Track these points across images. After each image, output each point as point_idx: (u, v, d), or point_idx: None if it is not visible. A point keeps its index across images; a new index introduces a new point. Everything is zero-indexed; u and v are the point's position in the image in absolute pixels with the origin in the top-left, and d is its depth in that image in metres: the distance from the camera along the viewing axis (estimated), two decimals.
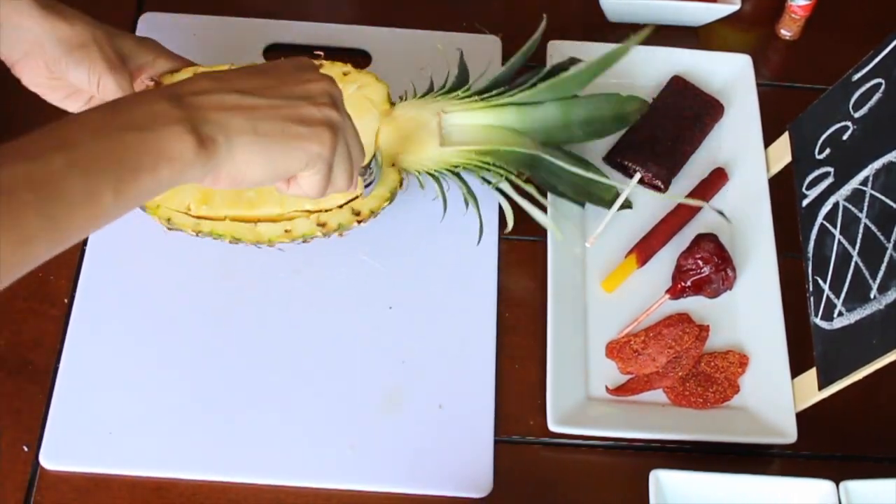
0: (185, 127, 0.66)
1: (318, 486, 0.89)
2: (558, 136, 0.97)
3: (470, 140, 0.94)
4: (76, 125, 0.64)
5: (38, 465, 0.89)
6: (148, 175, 0.64)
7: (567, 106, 0.96)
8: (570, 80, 0.95)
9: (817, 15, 1.16)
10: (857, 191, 0.90)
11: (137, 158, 0.64)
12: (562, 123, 0.96)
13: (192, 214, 0.91)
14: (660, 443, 0.94)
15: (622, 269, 1.00)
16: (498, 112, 0.95)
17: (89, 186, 0.62)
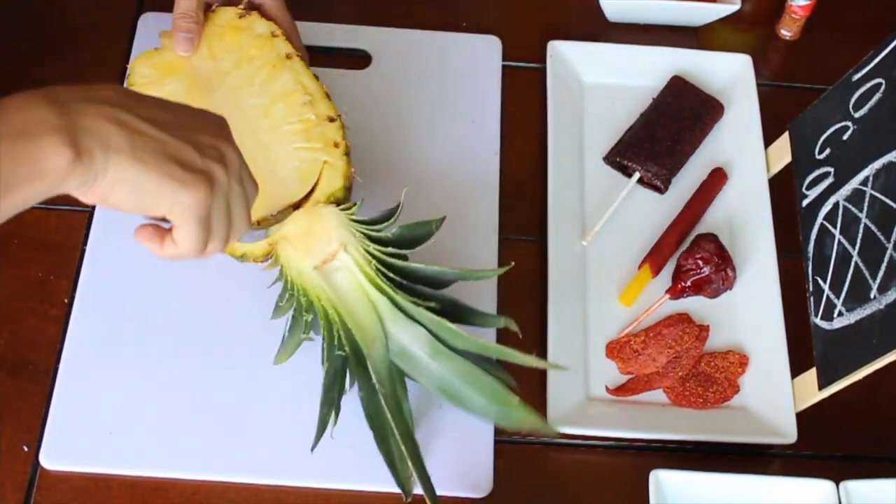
0: (62, 138, 0.62)
1: (318, 486, 0.89)
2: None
3: (343, 292, 0.87)
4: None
5: (38, 465, 0.89)
6: (19, 190, 0.62)
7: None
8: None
9: (817, 15, 1.16)
10: (857, 191, 0.90)
11: (10, 171, 0.61)
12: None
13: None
14: (660, 443, 0.94)
15: (638, 281, 0.99)
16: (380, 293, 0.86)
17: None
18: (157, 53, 0.96)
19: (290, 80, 0.95)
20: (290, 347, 0.89)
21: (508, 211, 1.04)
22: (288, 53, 0.96)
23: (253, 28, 0.97)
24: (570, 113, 1.09)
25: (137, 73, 0.95)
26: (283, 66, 0.95)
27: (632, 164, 1.04)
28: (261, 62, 0.95)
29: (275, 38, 0.96)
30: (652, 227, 1.03)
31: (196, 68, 0.95)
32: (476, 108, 1.09)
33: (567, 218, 1.02)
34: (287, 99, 0.94)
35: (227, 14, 0.97)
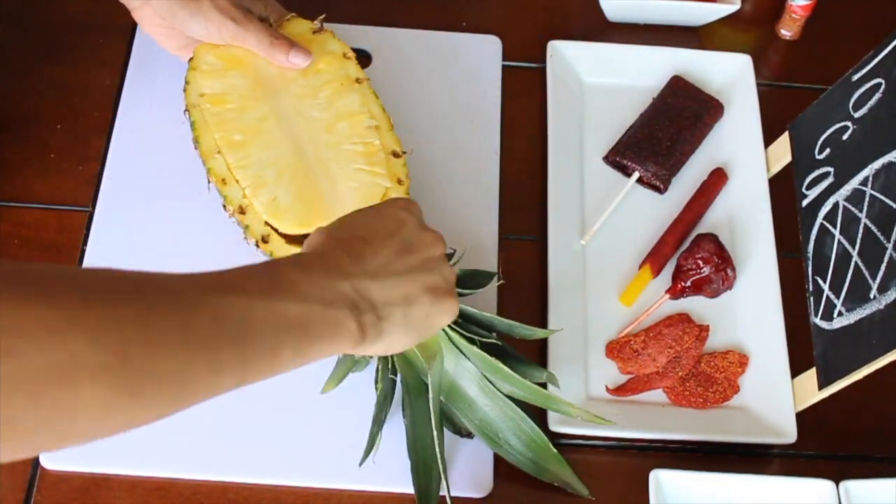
0: (352, 312, 0.70)
1: (318, 486, 0.89)
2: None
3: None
4: (280, 281, 0.68)
5: (38, 465, 0.89)
6: (321, 344, 0.69)
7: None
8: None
9: (817, 15, 1.16)
10: (856, 191, 0.90)
11: (317, 328, 0.68)
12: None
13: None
14: (660, 443, 0.94)
15: (638, 281, 0.99)
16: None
17: (278, 340, 0.66)
18: (220, 45, 0.96)
19: (356, 101, 0.95)
20: (339, 375, 0.90)
21: (508, 211, 1.04)
22: (358, 78, 0.96)
23: (325, 44, 0.97)
24: (570, 113, 1.09)
25: (202, 59, 0.95)
26: (351, 87, 0.95)
27: (631, 163, 1.04)
28: (329, 77, 0.96)
29: (346, 59, 0.97)
30: (652, 227, 1.03)
31: (260, 68, 0.95)
32: (476, 108, 1.09)
33: (567, 218, 1.02)
34: (351, 119, 0.94)
35: (301, 26, 0.98)
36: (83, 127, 1.05)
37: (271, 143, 0.92)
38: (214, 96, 0.94)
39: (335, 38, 0.98)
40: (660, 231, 1.03)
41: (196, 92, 0.94)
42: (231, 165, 0.91)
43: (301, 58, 0.95)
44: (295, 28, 0.98)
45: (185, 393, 0.61)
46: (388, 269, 0.75)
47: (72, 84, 1.07)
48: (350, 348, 0.72)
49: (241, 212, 0.91)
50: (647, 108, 1.08)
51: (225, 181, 0.91)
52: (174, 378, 0.59)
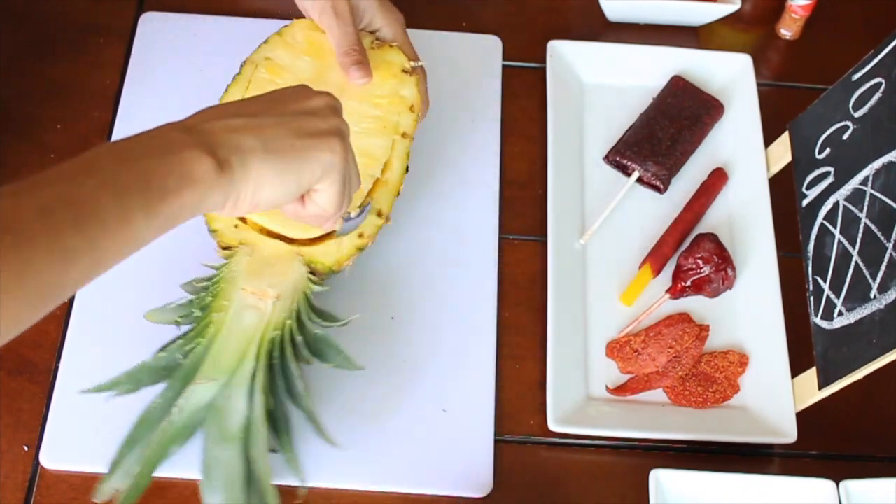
0: (201, 149, 0.67)
1: (318, 486, 0.89)
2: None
3: (237, 327, 0.87)
4: (102, 153, 0.65)
5: (38, 465, 0.89)
6: (174, 197, 0.65)
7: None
8: None
9: (817, 15, 1.16)
10: (857, 190, 0.90)
11: (162, 181, 0.65)
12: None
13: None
14: (660, 443, 0.94)
15: (638, 281, 0.99)
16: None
17: (122, 208, 0.63)
18: (317, 30, 0.97)
19: (382, 147, 0.94)
20: (161, 317, 0.89)
21: (508, 211, 1.04)
22: (405, 132, 0.95)
23: (402, 85, 0.97)
24: (570, 113, 1.09)
25: (292, 32, 0.97)
26: (390, 133, 0.95)
27: (631, 163, 1.04)
28: (378, 114, 0.95)
29: (410, 110, 0.96)
30: (652, 226, 1.03)
31: (332, 69, 0.95)
32: (476, 108, 1.09)
33: (567, 218, 1.02)
34: (364, 159, 0.91)
35: (395, 57, 0.98)
36: (83, 127, 1.05)
37: None
38: (275, 66, 0.95)
39: (415, 85, 0.97)
40: (660, 231, 1.03)
41: (264, 54, 0.96)
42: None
43: (359, 74, 0.94)
44: (388, 56, 0.98)
45: (42, 289, 0.60)
46: (243, 111, 0.72)
47: (72, 84, 1.07)
48: (217, 194, 0.68)
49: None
50: (647, 108, 1.08)
51: None
52: (29, 276, 0.59)
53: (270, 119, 0.72)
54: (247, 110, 0.73)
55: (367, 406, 0.92)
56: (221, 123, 0.70)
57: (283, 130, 0.72)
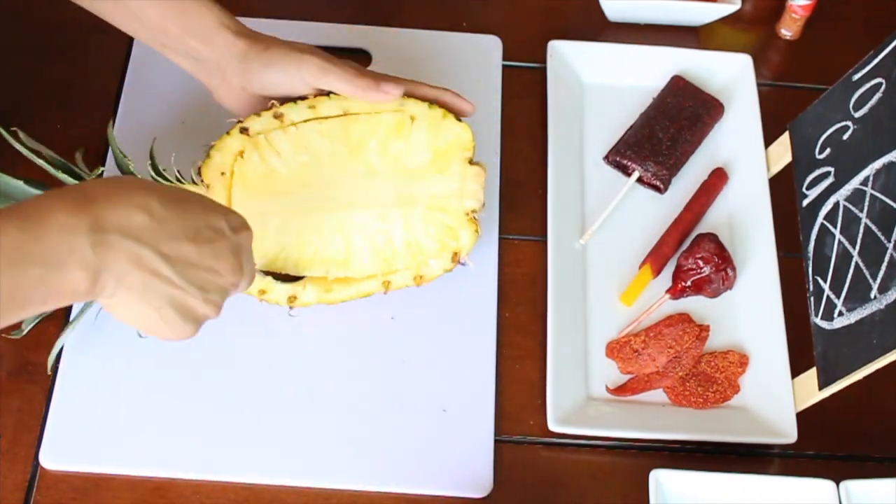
0: (88, 272, 0.68)
1: (318, 486, 0.89)
2: None
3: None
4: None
5: (38, 465, 0.89)
6: (34, 307, 0.68)
7: None
8: None
9: (817, 15, 1.16)
10: (857, 191, 0.90)
11: (32, 293, 0.66)
12: None
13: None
14: (660, 443, 0.94)
15: (638, 281, 0.99)
16: None
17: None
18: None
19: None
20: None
21: (508, 211, 1.04)
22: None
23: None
24: (570, 113, 1.09)
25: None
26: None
27: (631, 163, 1.04)
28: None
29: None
30: (652, 226, 1.03)
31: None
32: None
33: (567, 218, 1.02)
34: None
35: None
36: (83, 127, 1.05)
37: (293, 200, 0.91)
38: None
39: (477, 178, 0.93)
40: (660, 231, 1.03)
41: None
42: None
43: (392, 86, 0.88)
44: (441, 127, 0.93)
45: None
46: (160, 240, 0.70)
47: (72, 84, 1.07)
48: (69, 302, 0.70)
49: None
50: (647, 108, 1.08)
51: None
52: None
53: (169, 272, 0.71)
54: (165, 247, 0.71)
55: (367, 406, 0.92)
56: (130, 246, 0.69)
57: (167, 292, 0.72)
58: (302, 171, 0.91)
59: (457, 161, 0.92)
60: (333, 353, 0.95)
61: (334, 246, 0.91)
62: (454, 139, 0.92)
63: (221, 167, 0.90)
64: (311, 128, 0.90)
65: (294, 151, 0.90)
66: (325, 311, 0.96)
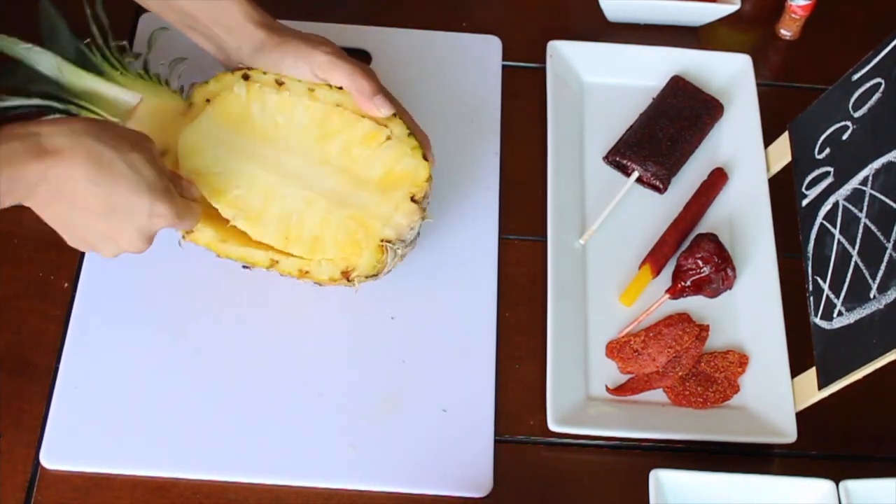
0: (26, 142, 0.76)
1: (318, 486, 0.89)
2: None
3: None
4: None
5: (38, 465, 0.89)
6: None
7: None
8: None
9: (817, 15, 1.16)
10: (856, 190, 0.90)
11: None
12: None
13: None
14: (660, 443, 0.94)
15: (638, 281, 0.99)
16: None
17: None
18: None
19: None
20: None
21: (508, 211, 1.04)
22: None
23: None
24: (570, 113, 1.09)
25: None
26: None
27: (631, 163, 1.04)
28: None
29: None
30: (652, 226, 1.03)
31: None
32: (476, 108, 1.09)
33: (567, 218, 1.02)
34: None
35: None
36: None
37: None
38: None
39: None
40: (660, 231, 1.03)
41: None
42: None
43: (384, 103, 0.92)
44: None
45: None
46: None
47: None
48: (27, 173, 0.76)
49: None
50: (647, 108, 1.08)
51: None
52: None
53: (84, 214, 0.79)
54: (84, 195, 0.78)
55: (367, 406, 0.92)
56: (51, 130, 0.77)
57: (92, 226, 0.81)
58: (271, 128, 0.93)
59: (402, 190, 0.91)
60: (334, 353, 0.95)
61: (253, 200, 0.91)
62: (411, 171, 0.91)
63: (210, 95, 0.94)
64: (300, 101, 0.93)
65: (275, 110, 0.93)
66: (325, 311, 0.96)
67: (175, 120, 0.94)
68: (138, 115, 0.93)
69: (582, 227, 1.03)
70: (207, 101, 0.94)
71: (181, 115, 0.94)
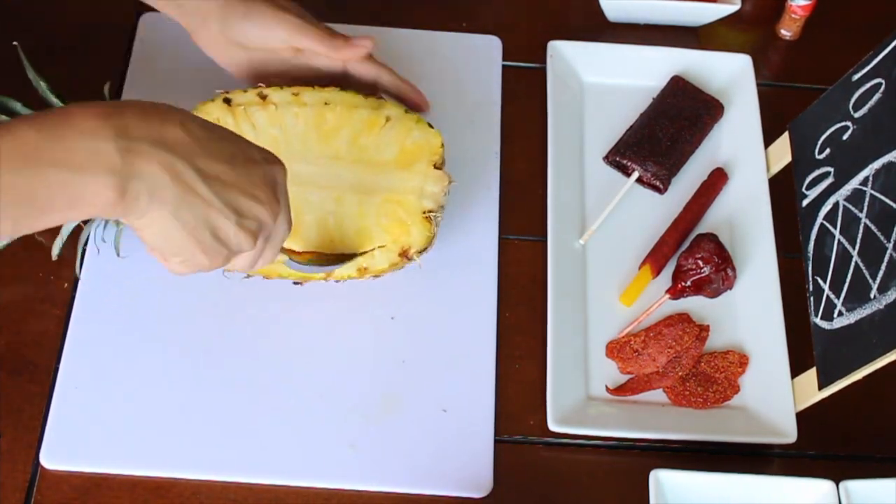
0: (114, 180, 0.64)
1: (318, 486, 0.89)
2: None
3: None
4: (9, 142, 0.61)
5: (38, 465, 0.89)
6: (56, 214, 0.65)
7: None
8: None
9: (817, 15, 1.16)
10: (856, 191, 0.91)
11: (52, 198, 0.63)
12: None
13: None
14: (660, 443, 0.94)
15: (638, 281, 0.99)
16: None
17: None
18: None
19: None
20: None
21: (508, 211, 1.04)
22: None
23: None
24: (570, 113, 1.09)
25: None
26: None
27: (631, 163, 1.04)
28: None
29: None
30: (652, 227, 1.03)
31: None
32: (476, 108, 1.09)
33: (567, 218, 1.02)
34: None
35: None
36: None
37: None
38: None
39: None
40: (660, 231, 1.03)
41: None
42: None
43: (362, 41, 0.93)
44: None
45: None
46: (196, 153, 0.67)
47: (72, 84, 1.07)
48: (102, 216, 0.67)
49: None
50: (647, 108, 1.08)
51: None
52: None
53: (205, 190, 0.69)
54: (201, 161, 0.68)
55: (367, 406, 0.92)
56: (165, 157, 0.66)
57: (202, 211, 0.69)
58: (271, 143, 0.91)
59: (422, 162, 0.93)
60: (334, 352, 0.95)
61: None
62: (423, 142, 0.93)
63: None
64: (289, 109, 0.93)
65: (267, 125, 0.93)
66: (326, 310, 0.96)
67: None
68: None
69: (582, 227, 1.03)
70: None
71: None
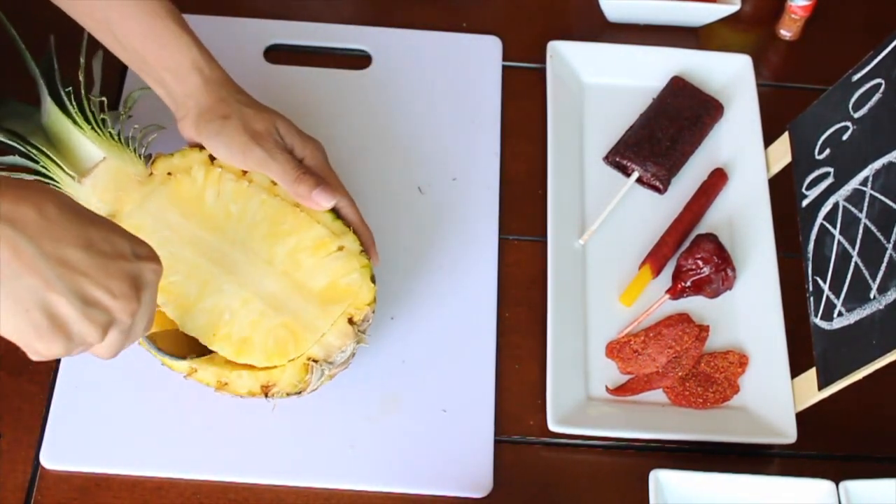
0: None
1: (318, 486, 0.89)
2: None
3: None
4: None
5: (38, 465, 0.89)
6: None
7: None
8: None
9: (817, 15, 1.16)
10: (856, 191, 0.91)
11: None
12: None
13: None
14: (660, 443, 0.94)
15: (638, 281, 0.99)
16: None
17: None
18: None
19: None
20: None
21: (508, 211, 1.04)
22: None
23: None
24: (570, 113, 1.09)
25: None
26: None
27: (631, 163, 1.04)
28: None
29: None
30: (652, 227, 1.03)
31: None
32: (476, 108, 1.09)
33: (567, 218, 1.02)
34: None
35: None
36: None
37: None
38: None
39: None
40: (660, 231, 1.03)
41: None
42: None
43: (325, 197, 0.88)
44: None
45: None
46: (56, 237, 0.65)
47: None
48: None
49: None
50: (647, 108, 1.09)
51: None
52: None
53: (47, 270, 0.65)
54: (48, 246, 0.65)
55: (366, 406, 0.92)
56: (9, 233, 0.63)
57: (38, 291, 0.65)
58: (222, 217, 0.89)
59: (341, 307, 0.87)
60: None
61: (188, 288, 0.87)
62: (354, 289, 0.87)
63: (173, 168, 0.91)
64: (258, 195, 0.90)
65: (231, 198, 0.90)
66: None
67: (131, 186, 0.90)
68: (97, 172, 0.90)
69: (582, 227, 1.03)
70: (169, 174, 0.91)
71: (139, 183, 0.91)
